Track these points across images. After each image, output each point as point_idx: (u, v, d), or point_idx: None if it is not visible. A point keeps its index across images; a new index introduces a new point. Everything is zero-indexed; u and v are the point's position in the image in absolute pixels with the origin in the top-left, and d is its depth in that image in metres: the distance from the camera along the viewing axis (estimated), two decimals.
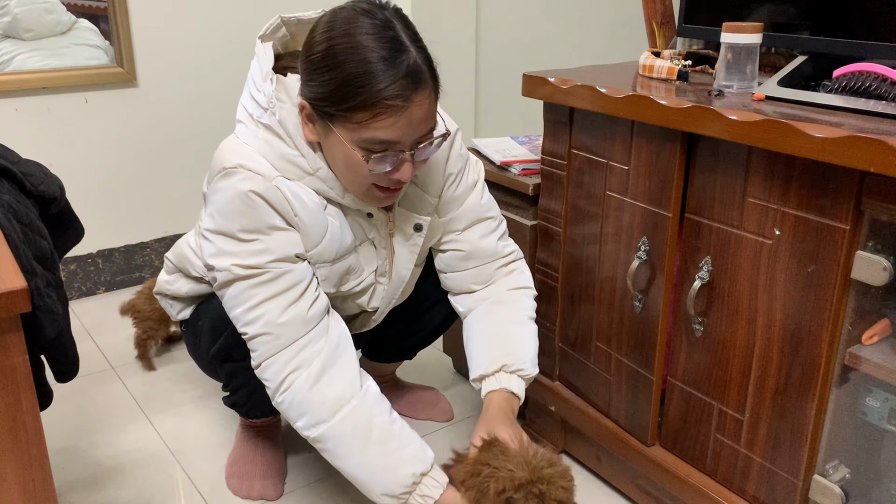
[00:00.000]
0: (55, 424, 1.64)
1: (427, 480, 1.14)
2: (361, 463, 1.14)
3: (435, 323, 1.48)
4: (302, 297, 1.15)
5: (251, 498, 1.41)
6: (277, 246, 1.13)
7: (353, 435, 1.13)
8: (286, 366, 1.13)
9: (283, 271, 1.13)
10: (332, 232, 1.18)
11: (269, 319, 1.12)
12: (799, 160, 0.99)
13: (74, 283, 2.20)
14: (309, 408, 1.13)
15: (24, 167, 1.14)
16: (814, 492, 1.08)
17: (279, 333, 1.13)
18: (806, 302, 1.02)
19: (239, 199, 1.11)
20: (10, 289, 0.76)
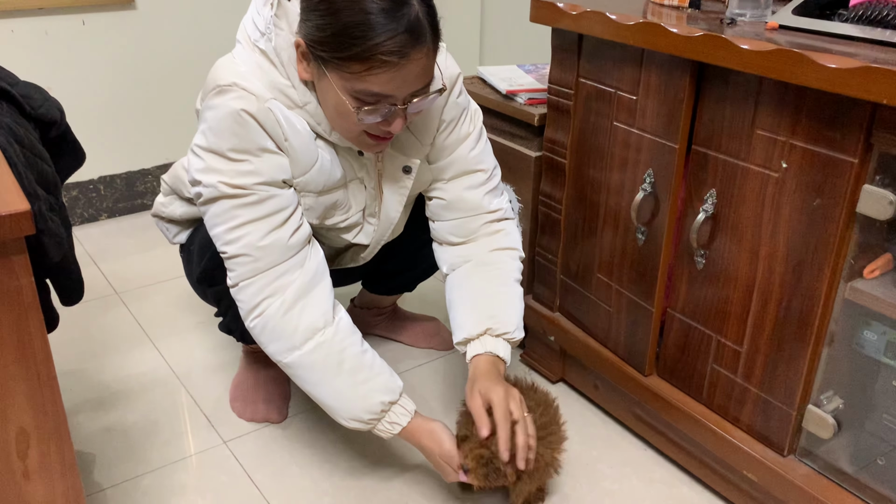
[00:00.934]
0: (61, 348, 1.66)
1: (395, 408, 1.17)
2: (331, 391, 1.16)
3: (431, 258, 1.46)
4: (285, 223, 1.14)
5: (255, 420, 1.44)
6: (266, 168, 1.12)
7: (324, 364, 1.15)
8: (262, 291, 1.13)
9: (269, 195, 1.13)
10: (322, 163, 1.17)
11: (249, 241, 1.12)
12: (810, 91, 0.97)
13: (76, 209, 2.20)
14: (281, 334, 1.14)
15: (22, 89, 1.13)
16: (807, 421, 1.10)
17: (258, 256, 1.13)
18: (809, 235, 1.02)
19: (231, 117, 1.09)
20: (13, 211, 0.76)
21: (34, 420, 0.86)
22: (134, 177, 2.26)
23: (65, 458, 0.90)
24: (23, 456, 0.87)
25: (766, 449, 1.16)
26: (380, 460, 1.36)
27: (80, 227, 2.21)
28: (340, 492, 1.29)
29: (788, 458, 1.14)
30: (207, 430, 1.43)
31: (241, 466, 1.34)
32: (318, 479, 1.31)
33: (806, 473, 1.11)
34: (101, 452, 1.37)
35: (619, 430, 1.45)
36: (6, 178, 0.84)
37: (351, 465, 1.35)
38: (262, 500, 1.27)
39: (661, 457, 1.38)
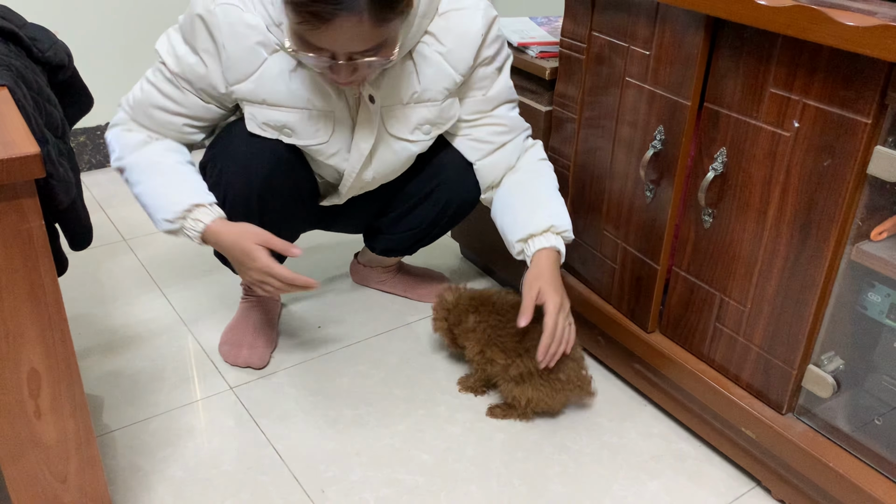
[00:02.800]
0: (70, 293, 1.68)
1: (200, 210, 1.24)
2: (148, 189, 1.26)
3: (425, 222, 1.47)
4: (184, 116, 1.28)
5: (238, 364, 1.47)
6: (196, 70, 1.23)
7: (146, 166, 1.27)
8: (130, 123, 1.30)
9: (185, 88, 1.25)
10: (263, 74, 1.21)
11: (158, 110, 1.27)
12: (825, 50, 0.96)
13: (84, 154, 2.20)
14: (117, 146, 1.30)
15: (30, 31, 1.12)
16: (807, 381, 1.11)
17: (146, 120, 1.29)
18: (818, 196, 1.02)
19: (189, 17, 1.21)
20: (23, 154, 0.76)
21: (45, 361, 0.88)
22: None
23: (75, 399, 0.92)
24: (34, 395, 0.88)
25: (764, 406, 1.18)
26: (384, 408, 1.38)
27: (87, 173, 2.21)
28: (344, 437, 1.31)
29: (787, 416, 1.16)
30: (214, 375, 1.45)
31: (247, 412, 1.36)
32: (323, 425, 1.34)
33: (803, 431, 1.13)
34: (109, 395, 1.39)
35: (620, 386, 1.46)
36: (16, 121, 0.84)
37: (356, 412, 1.37)
38: (267, 444, 1.29)
39: (661, 412, 1.40)
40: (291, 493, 1.20)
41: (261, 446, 1.29)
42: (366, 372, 1.48)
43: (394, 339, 1.57)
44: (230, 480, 1.22)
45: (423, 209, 1.46)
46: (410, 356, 1.52)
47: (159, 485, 1.21)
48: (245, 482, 1.22)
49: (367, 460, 1.27)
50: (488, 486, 1.23)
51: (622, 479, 1.25)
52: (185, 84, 1.25)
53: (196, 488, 1.21)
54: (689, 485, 1.25)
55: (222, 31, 1.18)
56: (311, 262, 1.85)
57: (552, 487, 1.23)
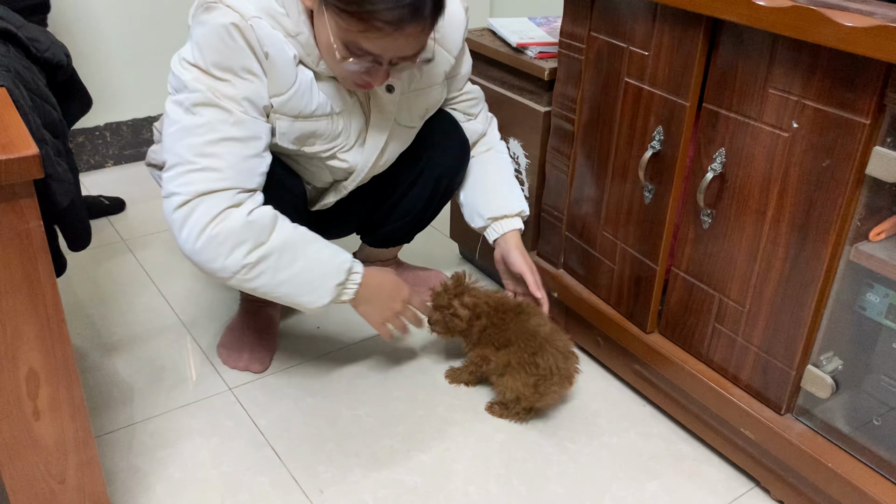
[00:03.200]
0: (69, 293, 1.68)
1: (356, 264, 1.25)
2: (307, 262, 1.19)
3: (419, 204, 1.48)
4: (260, 155, 1.17)
5: (237, 368, 1.47)
6: (246, 91, 1.13)
7: (293, 239, 1.18)
8: (226, 200, 1.12)
9: (248, 118, 1.14)
10: (300, 88, 1.19)
11: (230, 161, 1.12)
12: (824, 50, 0.96)
13: (83, 155, 2.20)
14: (249, 235, 1.13)
15: (28, 32, 1.12)
16: (806, 381, 1.11)
17: (231, 177, 1.13)
18: (817, 196, 1.02)
19: (217, 34, 1.10)
20: (22, 154, 0.76)
21: (44, 361, 0.87)
22: (140, 124, 2.25)
23: (74, 399, 0.92)
24: (33, 396, 0.88)
25: (763, 407, 1.18)
26: (382, 409, 1.38)
27: (86, 173, 2.21)
28: (343, 438, 1.31)
29: (785, 417, 1.16)
30: (213, 376, 1.45)
31: (245, 412, 1.36)
32: (322, 426, 1.34)
33: (802, 432, 1.13)
34: (108, 396, 1.39)
35: (619, 386, 1.46)
36: (14, 121, 0.84)
37: (354, 413, 1.37)
38: (266, 445, 1.29)
39: (660, 413, 1.40)
40: (290, 493, 1.20)
41: (259, 447, 1.29)
42: (364, 373, 1.48)
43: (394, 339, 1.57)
44: (229, 481, 1.22)
45: (416, 192, 1.47)
46: (409, 357, 1.52)
47: (158, 485, 1.21)
48: (244, 483, 1.22)
49: (366, 461, 1.27)
50: (487, 486, 1.23)
51: (621, 479, 1.25)
52: (245, 113, 1.15)
53: (195, 489, 1.21)
54: (688, 485, 1.25)
55: (265, 42, 1.13)
56: None
57: (551, 488, 1.23)
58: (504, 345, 1.33)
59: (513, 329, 1.33)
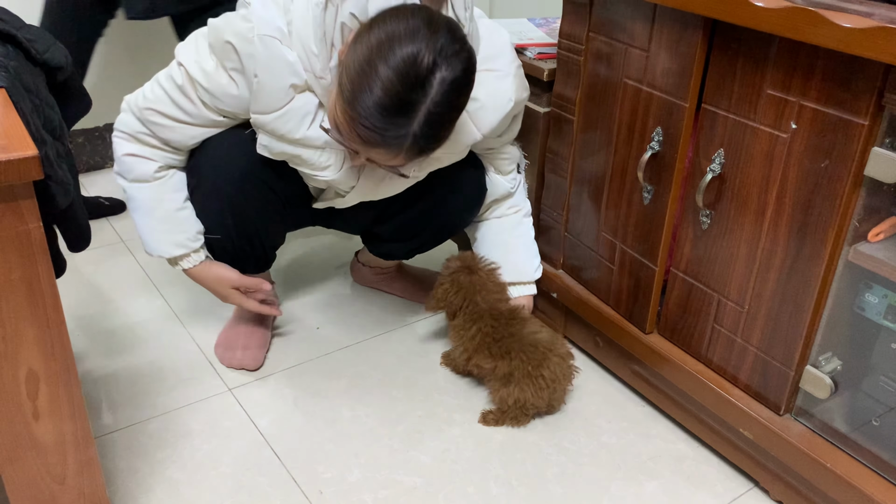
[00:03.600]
0: (69, 294, 1.68)
1: (185, 259, 1.37)
2: (143, 225, 1.35)
3: (424, 232, 1.48)
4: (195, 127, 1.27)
5: (232, 366, 1.47)
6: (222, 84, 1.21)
7: (145, 202, 1.33)
8: (141, 139, 1.30)
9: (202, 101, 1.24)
10: (289, 114, 1.20)
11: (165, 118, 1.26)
12: (823, 51, 0.96)
13: (82, 156, 2.20)
14: (126, 167, 1.32)
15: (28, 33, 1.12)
16: (804, 381, 1.11)
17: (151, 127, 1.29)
18: (815, 197, 1.02)
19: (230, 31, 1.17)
20: (22, 156, 0.76)
21: (43, 362, 0.88)
22: None
23: (73, 400, 0.92)
24: (32, 397, 0.88)
25: (762, 407, 1.18)
26: (382, 409, 1.38)
27: (85, 174, 2.21)
28: (343, 439, 1.31)
29: (784, 417, 1.16)
30: (212, 376, 1.45)
31: (245, 413, 1.36)
32: (321, 426, 1.34)
33: (801, 432, 1.13)
34: (108, 397, 1.39)
35: (618, 387, 1.47)
36: (14, 122, 0.84)
37: (354, 413, 1.37)
38: (265, 446, 1.29)
39: (659, 413, 1.40)
40: (290, 494, 1.20)
41: (259, 447, 1.29)
42: (364, 373, 1.48)
43: (392, 339, 1.58)
44: (228, 482, 1.22)
45: (421, 222, 1.47)
46: (409, 357, 1.52)
47: (157, 486, 1.21)
48: (243, 483, 1.22)
49: (366, 461, 1.27)
50: (486, 487, 1.23)
51: (620, 479, 1.25)
52: (207, 97, 1.22)
53: (194, 490, 1.21)
54: (688, 485, 1.25)
55: (258, 63, 1.15)
56: (312, 262, 1.85)
57: (550, 488, 1.23)
58: (502, 355, 1.31)
59: (509, 338, 1.32)
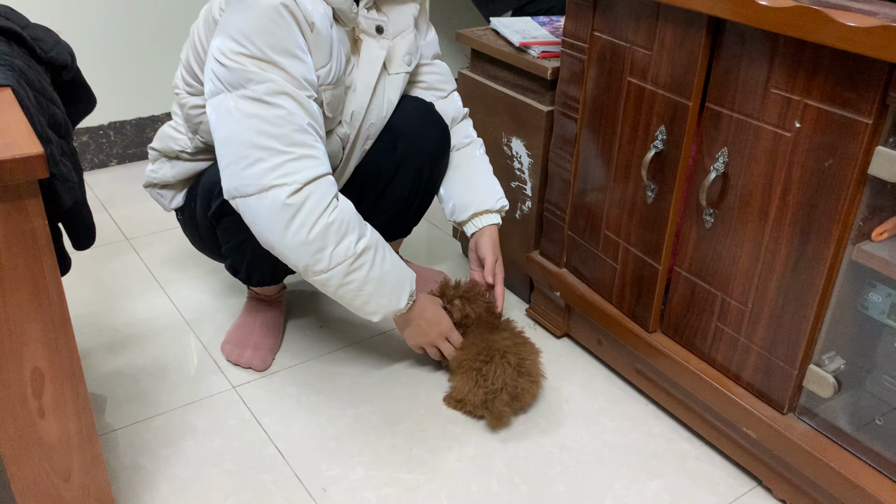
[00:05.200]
0: (73, 292, 1.69)
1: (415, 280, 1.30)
2: (394, 263, 1.23)
3: (402, 196, 1.43)
4: (325, 138, 1.20)
5: (240, 365, 1.47)
6: (304, 71, 1.14)
7: (381, 240, 1.23)
8: (333, 186, 1.16)
9: (313, 103, 1.16)
10: (335, 50, 1.21)
11: (319, 147, 1.16)
12: (826, 50, 0.96)
13: (87, 154, 2.20)
14: (357, 224, 1.18)
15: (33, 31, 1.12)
16: (808, 380, 1.11)
17: (325, 160, 1.16)
18: (819, 196, 1.02)
19: (267, 16, 1.10)
20: (27, 154, 0.76)
21: (49, 360, 0.88)
22: (144, 123, 2.26)
23: (79, 398, 0.92)
24: (38, 395, 0.89)
25: (765, 406, 1.18)
26: (385, 407, 1.38)
27: (90, 172, 2.22)
28: (346, 436, 1.31)
29: (788, 416, 1.16)
30: (216, 374, 1.45)
31: (249, 411, 1.37)
32: (325, 424, 1.34)
33: (804, 431, 1.13)
34: (112, 394, 1.40)
35: (621, 385, 1.47)
36: (19, 121, 0.84)
37: (357, 411, 1.37)
38: (269, 443, 1.30)
39: (662, 412, 1.40)
40: (293, 491, 1.21)
41: (263, 445, 1.29)
42: (367, 371, 1.48)
43: (395, 338, 1.58)
44: (232, 479, 1.23)
45: (398, 183, 1.41)
46: (412, 355, 1.53)
47: (162, 483, 1.21)
48: (247, 481, 1.22)
49: (369, 459, 1.27)
50: (489, 485, 1.23)
51: (623, 478, 1.26)
52: (312, 92, 1.17)
53: (198, 487, 1.21)
54: (690, 484, 1.25)
55: (308, 13, 1.13)
56: None
57: (553, 487, 1.23)
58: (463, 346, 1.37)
59: (475, 333, 1.37)
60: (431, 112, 1.43)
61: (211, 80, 1.16)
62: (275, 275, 1.40)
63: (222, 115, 1.14)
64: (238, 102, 1.13)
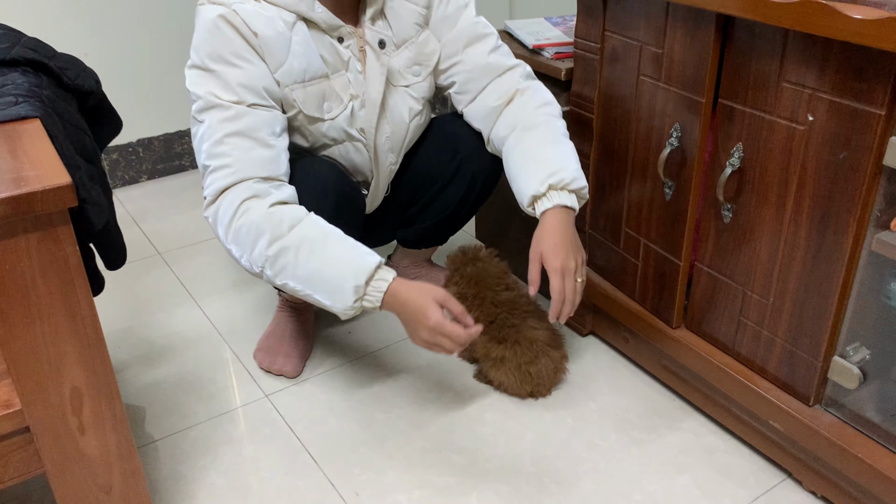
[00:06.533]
0: (109, 308, 1.74)
1: (381, 270, 1.16)
2: (327, 261, 1.14)
3: (453, 204, 1.49)
4: (267, 144, 1.20)
5: (272, 371, 1.51)
6: (243, 78, 1.19)
7: (313, 237, 1.15)
8: (245, 192, 1.16)
9: (246, 110, 1.19)
10: (295, 49, 1.24)
11: (235, 155, 1.17)
12: (837, 43, 0.96)
13: (117, 171, 2.26)
14: (267, 227, 1.14)
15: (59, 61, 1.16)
16: (833, 372, 1.11)
17: (241, 168, 1.17)
18: (835, 188, 1.02)
19: (206, 28, 1.19)
20: (56, 184, 0.80)
21: (86, 379, 0.92)
22: (171, 138, 2.31)
23: (115, 413, 0.96)
24: (77, 412, 0.93)
25: (791, 399, 1.18)
26: (414, 411, 1.41)
27: (121, 189, 2.28)
28: (377, 441, 1.34)
29: (814, 408, 1.16)
30: (249, 384, 1.49)
31: (282, 418, 1.40)
32: (356, 429, 1.37)
33: (831, 422, 1.13)
34: (150, 406, 1.44)
35: (648, 381, 1.47)
36: (48, 151, 0.88)
37: (387, 415, 1.40)
38: (302, 450, 1.33)
39: (690, 406, 1.40)
40: (326, 496, 1.24)
41: (296, 452, 1.33)
42: (395, 376, 1.51)
43: None
44: (268, 486, 1.26)
45: (451, 191, 1.48)
46: (439, 359, 1.55)
47: (200, 492, 1.25)
48: (282, 487, 1.26)
49: (400, 463, 1.30)
50: (518, 485, 1.25)
51: (652, 474, 1.26)
52: (253, 98, 1.20)
53: (235, 495, 1.25)
54: (720, 478, 1.25)
55: (250, 22, 1.19)
56: None
57: (582, 485, 1.25)
58: (499, 340, 1.41)
59: (509, 328, 1.41)
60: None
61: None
62: None
63: None
64: (191, 123, 1.24)
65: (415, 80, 1.37)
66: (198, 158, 1.22)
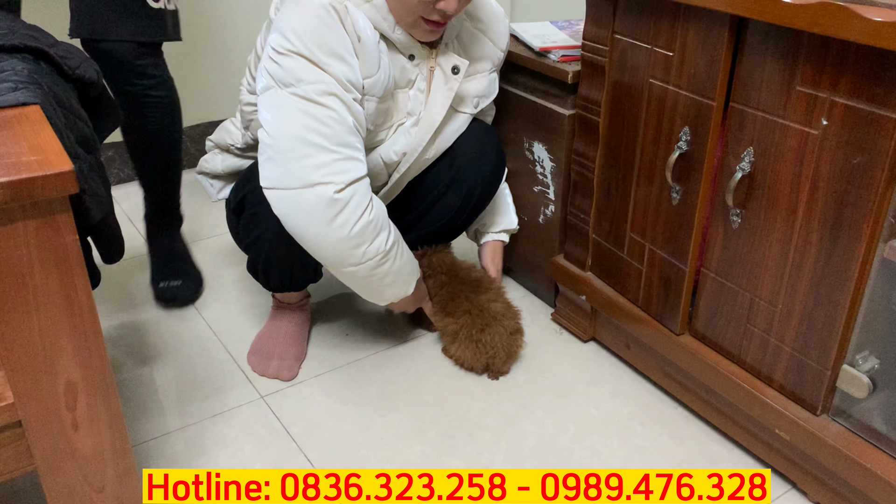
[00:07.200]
0: (103, 305, 1.71)
1: None
2: (408, 253, 1.33)
3: (449, 213, 1.48)
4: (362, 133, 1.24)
5: (266, 376, 1.48)
6: (350, 75, 1.19)
7: (399, 235, 1.30)
8: (368, 188, 1.22)
9: (357, 106, 1.21)
10: (383, 65, 1.25)
11: (360, 149, 1.20)
12: (853, 46, 0.95)
13: (113, 168, 2.23)
14: (385, 223, 1.25)
15: (60, 50, 1.14)
16: (841, 381, 1.10)
17: (365, 163, 1.22)
18: (848, 194, 1.01)
19: (316, 15, 1.16)
20: (58, 171, 0.77)
21: (81, 373, 0.89)
22: None
23: (111, 410, 0.93)
24: (71, 408, 0.90)
25: (798, 408, 1.16)
26: (413, 415, 1.38)
27: (116, 186, 2.25)
28: (375, 444, 1.32)
29: (821, 418, 1.14)
30: (245, 384, 1.46)
31: (278, 420, 1.37)
32: (353, 432, 1.34)
33: (839, 432, 1.11)
34: (143, 406, 1.41)
35: (650, 389, 1.45)
36: (49, 138, 0.85)
37: (385, 419, 1.37)
38: (298, 452, 1.30)
39: (693, 415, 1.39)
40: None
41: (292, 454, 1.30)
42: (395, 378, 1.48)
43: (422, 345, 1.58)
44: None
45: (448, 200, 1.47)
46: (439, 362, 1.53)
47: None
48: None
49: (399, 467, 1.27)
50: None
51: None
52: (356, 93, 1.21)
53: None
54: None
55: (357, 26, 1.20)
56: None
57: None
58: (453, 314, 1.45)
59: (464, 301, 1.44)
60: (491, 137, 1.47)
61: (263, 76, 1.21)
62: (293, 278, 1.42)
63: (272, 108, 1.19)
64: (289, 99, 1.17)
65: (473, 111, 1.41)
66: (306, 136, 1.15)
